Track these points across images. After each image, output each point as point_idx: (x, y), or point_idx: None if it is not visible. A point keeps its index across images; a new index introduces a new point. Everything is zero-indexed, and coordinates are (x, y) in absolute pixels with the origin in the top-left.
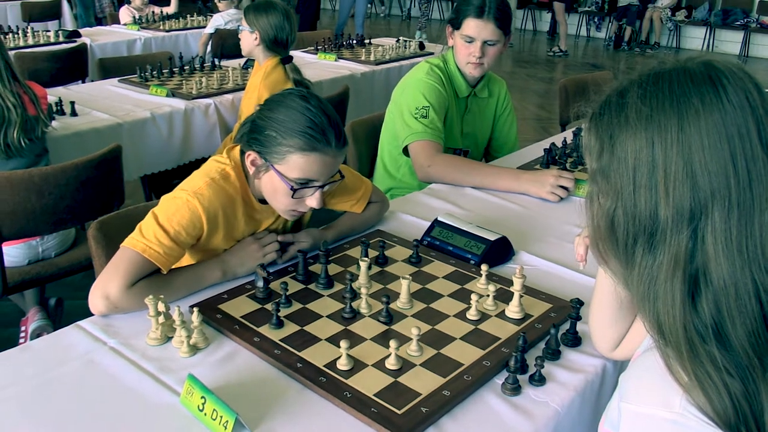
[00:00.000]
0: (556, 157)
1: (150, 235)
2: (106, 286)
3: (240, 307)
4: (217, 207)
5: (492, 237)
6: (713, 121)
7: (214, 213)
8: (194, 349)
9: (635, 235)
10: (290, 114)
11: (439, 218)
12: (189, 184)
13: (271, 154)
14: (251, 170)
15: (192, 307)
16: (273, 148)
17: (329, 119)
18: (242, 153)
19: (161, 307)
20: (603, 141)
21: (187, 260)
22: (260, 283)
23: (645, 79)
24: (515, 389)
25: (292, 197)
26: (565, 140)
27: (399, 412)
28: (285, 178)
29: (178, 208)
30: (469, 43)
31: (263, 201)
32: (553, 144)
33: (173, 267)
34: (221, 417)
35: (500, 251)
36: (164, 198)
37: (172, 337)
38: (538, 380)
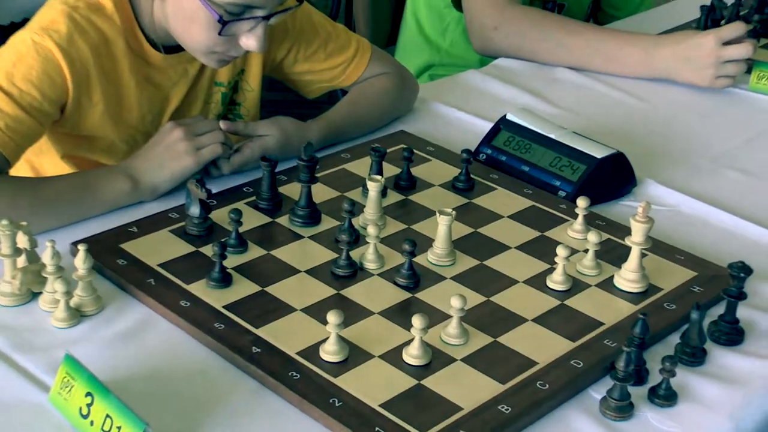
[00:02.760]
0: (721, 22)
1: None
2: None
3: (159, 249)
4: (86, 53)
5: (598, 153)
6: None
7: (81, 61)
8: (77, 314)
9: None
10: None
11: (509, 116)
12: (36, 19)
13: None
14: None
15: (76, 243)
16: None
17: None
18: None
19: (22, 240)
20: None
21: (58, 164)
22: (194, 209)
23: None
24: (623, 409)
25: (220, 33)
26: None
27: None
28: (210, 2)
29: (22, 56)
30: None
31: (170, 49)
32: None
33: (49, 176)
34: (119, 429)
35: (612, 178)
36: (1, 49)
37: (39, 294)
38: (665, 397)
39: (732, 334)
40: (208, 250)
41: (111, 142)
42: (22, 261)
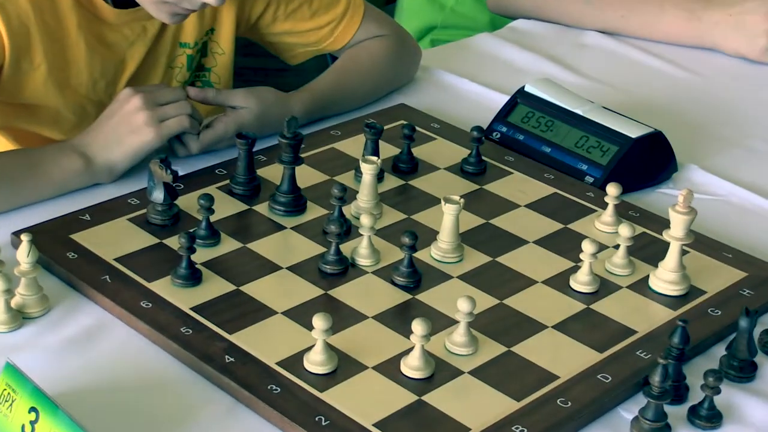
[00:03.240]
0: None
1: None
2: None
3: (116, 240)
4: (25, 7)
5: (633, 132)
6: None
7: (19, 17)
8: (19, 316)
9: None
10: None
11: (528, 88)
12: None
13: None
14: None
15: (18, 233)
16: None
17: None
18: None
19: None
20: None
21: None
22: (158, 194)
23: None
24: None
25: None
26: None
27: None
28: None
29: None
30: None
31: (124, 4)
32: None
33: None
34: None
35: (648, 161)
36: None
37: None
38: (708, 418)
39: None
40: (174, 242)
41: (56, 113)
42: None
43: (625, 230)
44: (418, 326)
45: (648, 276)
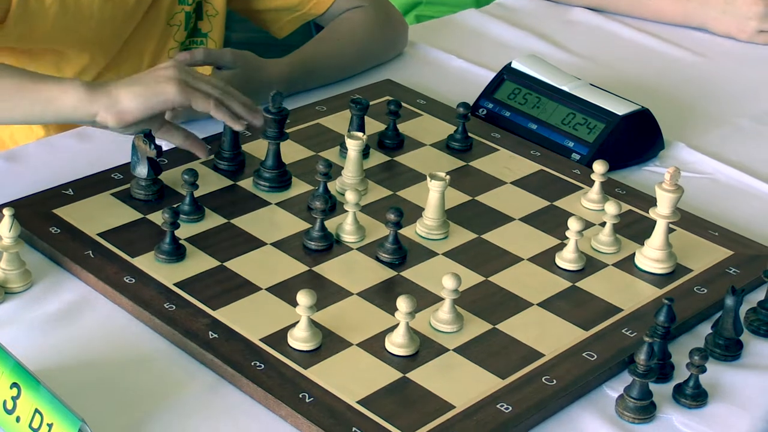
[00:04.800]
0: None
1: None
2: None
3: (99, 215)
4: None
5: (620, 109)
6: None
7: None
8: (1, 291)
9: None
10: None
11: (514, 64)
12: None
13: None
14: None
15: (0, 207)
16: None
17: None
18: None
19: None
20: None
21: None
22: (141, 169)
23: None
24: (644, 410)
25: None
26: None
27: None
28: None
29: None
30: None
31: None
32: None
33: None
34: (50, 426)
35: (635, 139)
36: None
37: None
38: (693, 396)
39: None
40: (158, 217)
41: (60, 58)
42: None
43: (611, 208)
44: (402, 303)
45: (634, 254)
